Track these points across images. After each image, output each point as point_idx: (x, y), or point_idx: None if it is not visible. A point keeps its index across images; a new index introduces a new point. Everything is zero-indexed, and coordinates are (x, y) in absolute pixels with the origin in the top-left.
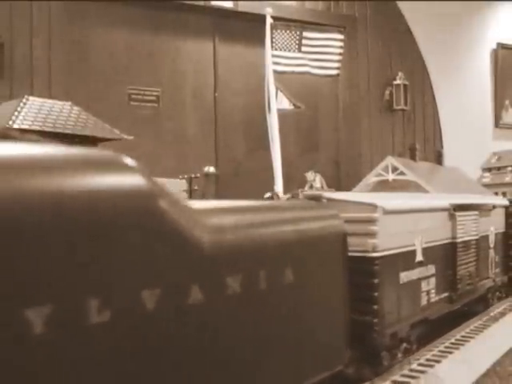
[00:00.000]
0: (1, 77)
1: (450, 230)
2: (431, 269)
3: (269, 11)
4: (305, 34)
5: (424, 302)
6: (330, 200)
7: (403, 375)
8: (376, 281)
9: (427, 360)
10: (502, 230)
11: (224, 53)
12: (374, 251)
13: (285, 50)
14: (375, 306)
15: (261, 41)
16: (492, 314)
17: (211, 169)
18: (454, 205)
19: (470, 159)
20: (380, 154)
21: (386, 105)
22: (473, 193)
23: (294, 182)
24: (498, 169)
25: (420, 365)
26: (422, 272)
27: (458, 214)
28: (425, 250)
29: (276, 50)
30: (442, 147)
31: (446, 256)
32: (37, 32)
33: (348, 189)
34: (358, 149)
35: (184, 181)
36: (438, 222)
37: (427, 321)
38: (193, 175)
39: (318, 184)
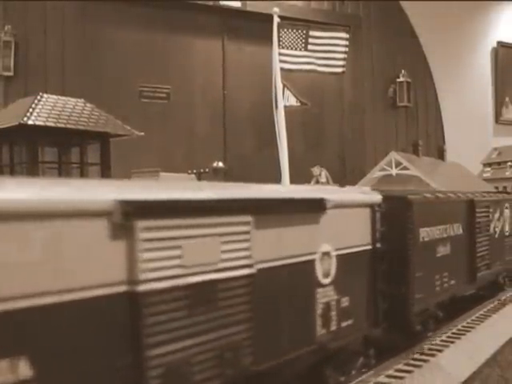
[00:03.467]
0: (16, 75)
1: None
2: None
3: (276, 11)
4: (311, 32)
5: None
6: None
7: (406, 364)
8: None
9: (429, 349)
10: (363, 246)
11: (232, 51)
12: None
13: (291, 49)
14: None
15: (268, 39)
16: (492, 304)
17: (220, 164)
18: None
19: (471, 154)
20: (384, 150)
21: (390, 102)
22: (474, 187)
23: (300, 176)
24: (499, 164)
25: (422, 354)
26: None
27: (139, 224)
28: None
29: (283, 48)
30: (443, 143)
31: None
32: (51, 31)
33: (353, 183)
34: (363, 144)
35: (193, 175)
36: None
37: None
38: (201, 170)
39: (323, 179)
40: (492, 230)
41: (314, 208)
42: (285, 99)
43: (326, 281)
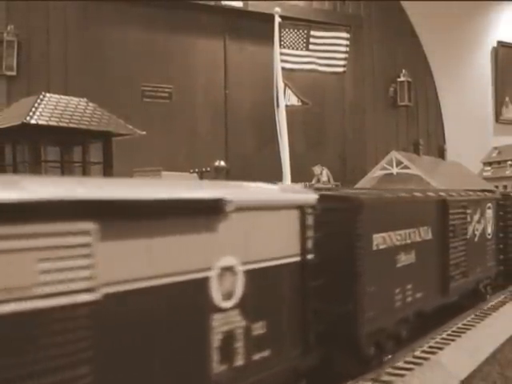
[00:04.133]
0: (19, 74)
1: None
2: None
3: (277, 11)
4: (312, 32)
5: None
6: None
7: (407, 362)
8: None
9: (430, 347)
10: (288, 258)
11: (234, 51)
12: None
13: (293, 48)
14: None
15: (269, 39)
16: (492, 303)
17: (221, 163)
18: None
19: (472, 153)
20: (384, 149)
21: (391, 101)
22: (474, 186)
23: (301, 175)
24: (499, 163)
25: (423, 352)
26: None
27: None
28: None
29: (284, 48)
30: (444, 142)
31: None
32: (53, 31)
33: (354, 182)
34: (363, 143)
35: (195, 174)
36: None
37: None
38: (203, 169)
39: (324, 177)
40: (471, 233)
41: (207, 211)
42: (286, 98)
43: (228, 304)
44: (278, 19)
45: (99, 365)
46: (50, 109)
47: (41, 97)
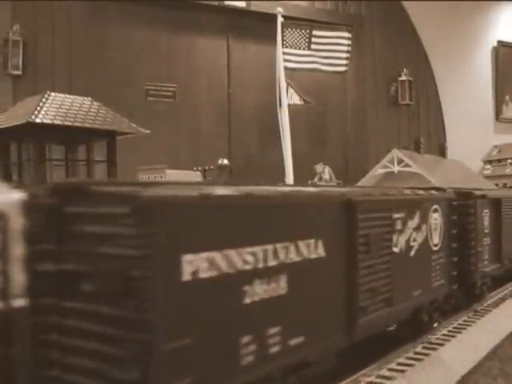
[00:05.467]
0: (24, 73)
1: None
2: None
3: (280, 11)
4: (314, 32)
5: None
6: None
7: (408, 357)
8: None
9: (431, 343)
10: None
11: (237, 50)
12: None
13: (295, 48)
14: None
15: (272, 39)
16: (493, 300)
17: (225, 161)
18: None
19: (472, 152)
20: (386, 147)
21: (392, 100)
22: (474, 184)
23: (303, 174)
24: (499, 161)
25: (424, 348)
26: None
27: None
28: None
29: (287, 47)
30: (445, 140)
31: None
32: (58, 31)
33: (356, 180)
34: (365, 142)
35: (198, 172)
36: None
37: None
38: (206, 167)
39: (326, 175)
40: (402, 245)
41: None
42: (288, 98)
43: None
44: (280, 19)
45: None
46: (54, 108)
47: (46, 96)
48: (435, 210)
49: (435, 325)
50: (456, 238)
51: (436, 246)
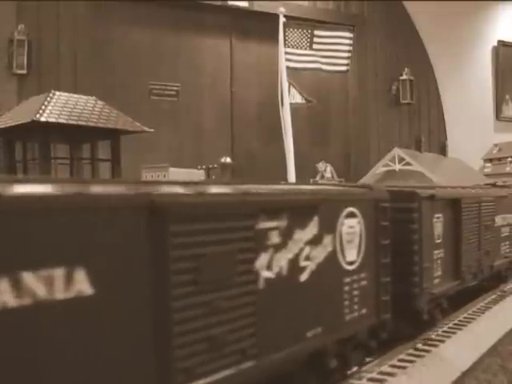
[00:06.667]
0: (29, 73)
1: None
2: None
3: (282, 10)
4: (316, 32)
5: None
6: None
7: (409, 354)
8: None
9: (431, 340)
10: None
11: (240, 50)
12: None
13: (297, 48)
14: None
15: (274, 38)
16: (493, 296)
17: (227, 159)
18: None
19: (472, 150)
20: (387, 146)
21: (393, 99)
22: (474, 182)
23: (305, 172)
24: (499, 159)
25: (425, 344)
26: None
27: None
28: None
29: (289, 47)
30: (445, 139)
31: None
32: (63, 30)
33: (357, 179)
34: (367, 141)
35: (202, 171)
36: None
37: None
38: (210, 166)
39: (328, 174)
40: (282, 267)
41: None
42: (291, 97)
43: None
44: (282, 19)
45: None
46: (59, 107)
47: (50, 95)
48: (350, 215)
49: (354, 369)
50: (389, 251)
51: (351, 264)
